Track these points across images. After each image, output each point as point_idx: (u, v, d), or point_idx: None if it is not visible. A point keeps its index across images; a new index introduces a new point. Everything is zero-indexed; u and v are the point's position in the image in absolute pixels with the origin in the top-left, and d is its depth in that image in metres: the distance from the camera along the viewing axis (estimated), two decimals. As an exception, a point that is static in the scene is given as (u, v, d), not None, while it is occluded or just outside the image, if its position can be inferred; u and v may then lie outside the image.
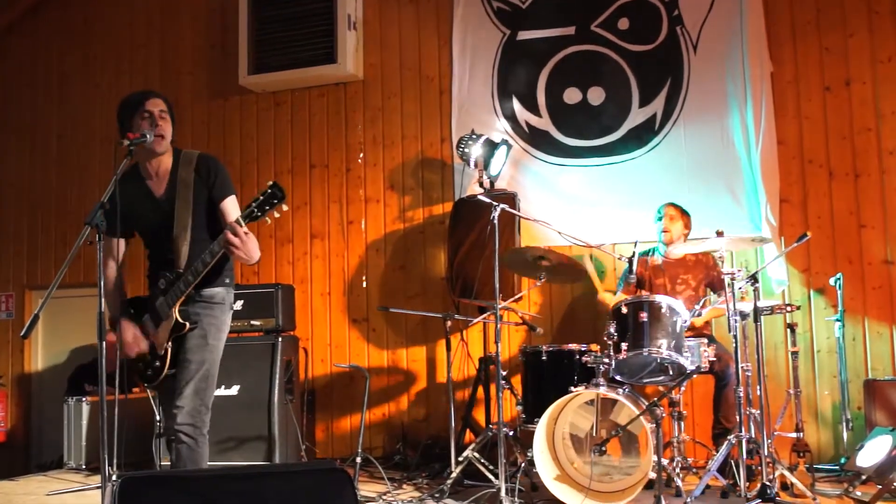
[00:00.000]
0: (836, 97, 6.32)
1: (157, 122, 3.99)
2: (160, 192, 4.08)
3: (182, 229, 4.02)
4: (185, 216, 4.02)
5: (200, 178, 4.06)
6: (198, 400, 3.97)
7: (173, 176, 4.07)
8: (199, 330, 4.02)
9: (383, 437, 7.00)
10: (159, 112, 4.02)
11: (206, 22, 7.97)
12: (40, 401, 8.22)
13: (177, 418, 3.92)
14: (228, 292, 4.16)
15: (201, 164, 4.08)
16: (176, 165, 4.09)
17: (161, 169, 4.09)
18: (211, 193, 4.06)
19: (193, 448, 3.94)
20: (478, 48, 7.07)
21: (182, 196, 4.03)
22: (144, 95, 4.05)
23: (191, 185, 4.04)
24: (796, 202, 6.34)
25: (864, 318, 6.13)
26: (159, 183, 4.09)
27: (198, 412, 3.97)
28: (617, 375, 5.13)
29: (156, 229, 4.08)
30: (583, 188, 6.71)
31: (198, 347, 4.02)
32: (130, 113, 4.02)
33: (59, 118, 8.36)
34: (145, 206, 4.06)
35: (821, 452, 6.05)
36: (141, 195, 4.06)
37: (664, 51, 6.65)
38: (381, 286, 7.21)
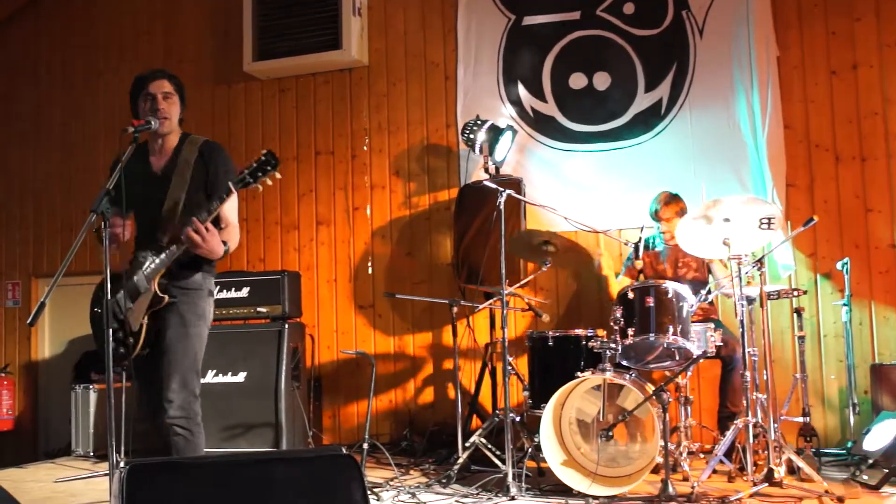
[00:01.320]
0: (843, 81, 6.30)
1: (158, 105, 4.00)
2: (158, 166, 4.07)
3: (173, 204, 3.99)
4: (177, 192, 4.00)
5: (203, 159, 4.06)
6: (186, 391, 3.93)
7: (175, 154, 4.08)
8: (177, 318, 3.96)
9: (390, 423, 7.01)
10: (163, 94, 4.02)
11: (209, 8, 7.95)
12: (48, 388, 8.25)
13: (168, 412, 3.87)
14: (206, 278, 4.09)
15: (206, 150, 4.09)
16: (180, 145, 4.10)
17: (165, 147, 4.10)
18: (208, 178, 4.04)
19: (190, 439, 3.92)
20: (483, 33, 7.05)
21: (179, 172, 4.02)
22: (149, 77, 4.04)
23: (191, 164, 4.03)
24: (803, 186, 6.32)
25: (871, 303, 6.12)
26: (160, 159, 4.09)
27: (188, 403, 3.93)
28: (623, 360, 5.12)
29: (147, 202, 4.01)
30: (589, 174, 6.70)
31: (179, 337, 3.97)
32: (135, 94, 4.05)
33: (63, 106, 8.36)
34: (143, 178, 4.02)
35: (828, 437, 6.05)
36: (141, 168, 4.04)
37: (670, 35, 6.62)
38: (387, 273, 7.21)
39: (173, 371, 3.93)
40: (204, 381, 6.14)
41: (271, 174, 3.83)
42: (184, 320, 3.98)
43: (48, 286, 8.51)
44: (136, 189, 3.90)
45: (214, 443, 6.18)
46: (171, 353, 3.95)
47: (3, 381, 7.97)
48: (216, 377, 6.28)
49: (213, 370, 6.27)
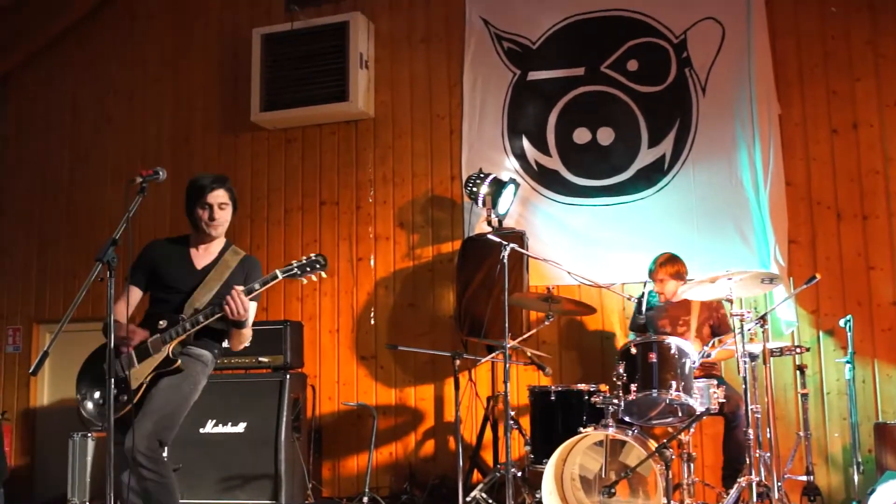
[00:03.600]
0: (844, 139, 6.35)
1: (214, 215, 4.26)
2: (201, 264, 4.33)
3: (205, 293, 4.23)
4: (213, 285, 4.25)
5: (241, 270, 4.33)
6: (154, 437, 4.00)
7: (218, 257, 4.35)
8: (175, 378, 4.14)
9: (390, 476, 6.95)
10: (219, 204, 4.26)
11: (218, 58, 8.04)
12: (45, 436, 8.17)
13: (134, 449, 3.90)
14: (213, 360, 4.36)
15: (247, 260, 4.41)
16: (224, 250, 4.39)
17: (209, 249, 4.37)
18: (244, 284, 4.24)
19: (160, 482, 3.96)
20: (488, 88, 7.12)
21: (219, 271, 4.30)
22: (209, 187, 4.25)
23: (231, 268, 4.32)
24: (805, 243, 6.34)
25: (874, 361, 6.10)
26: (203, 257, 4.35)
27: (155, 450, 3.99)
28: (626, 416, 5.11)
29: (179, 289, 4.25)
30: (592, 228, 6.72)
31: (170, 388, 4.13)
32: (194, 197, 4.27)
33: (71, 152, 8.40)
34: (181, 268, 4.30)
35: (832, 496, 6.01)
36: (181, 259, 4.33)
37: (673, 92, 6.69)
38: (390, 324, 7.20)
39: (151, 414, 4.02)
40: (203, 431, 6.20)
41: (317, 272, 4.17)
42: (179, 380, 4.16)
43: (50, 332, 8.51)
44: (170, 273, 4.27)
45: (212, 494, 6.14)
46: (153, 401, 4.07)
47: (1, 429, 7.92)
48: (216, 427, 6.25)
49: (212, 420, 6.24)
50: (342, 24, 7.29)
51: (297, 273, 4.17)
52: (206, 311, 4.13)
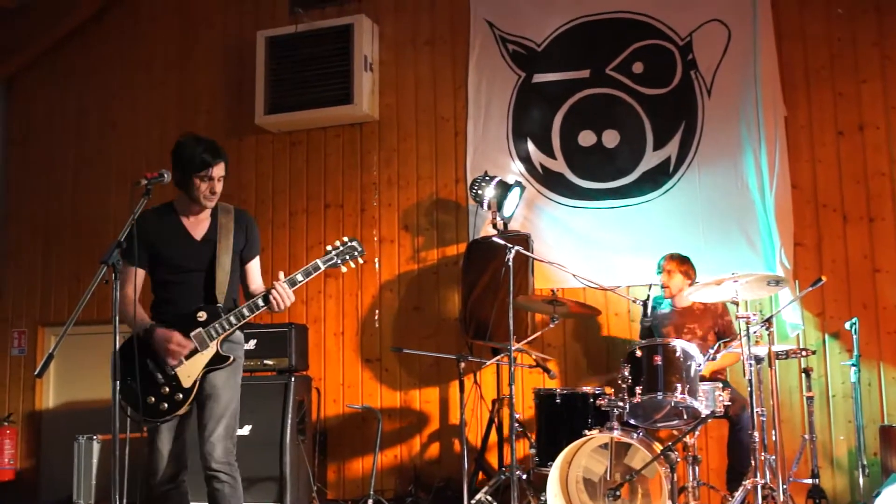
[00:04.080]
0: (850, 142, 6.34)
1: (215, 188, 4.11)
2: (199, 234, 4.18)
3: (222, 271, 4.13)
4: (225, 260, 4.15)
5: (240, 228, 4.22)
6: (229, 439, 4.05)
7: (213, 221, 4.20)
8: (227, 370, 4.08)
9: (395, 478, 6.95)
10: (219, 178, 4.12)
11: (223, 61, 8.05)
12: (50, 439, 8.18)
13: (212, 459, 3.96)
14: (242, 334, 4.30)
15: (240, 217, 4.27)
16: (215, 211, 4.23)
17: (201, 215, 4.21)
18: (244, 247, 4.23)
19: (234, 486, 4.03)
20: (493, 90, 7.12)
21: (224, 241, 4.16)
22: (213, 159, 4.07)
23: (231, 231, 4.19)
24: (811, 246, 6.33)
25: (880, 363, 6.09)
26: (197, 225, 4.19)
27: (230, 451, 4.04)
28: (631, 419, 5.11)
29: (192, 268, 4.14)
30: (597, 230, 6.71)
31: (227, 384, 4.09)
32: (193, 168, 4.05)
33: (76, 155, 8.41)
34: (182, 243, 4.14)
35: (837, 499, 5.99)
36: (178, 233, 4.16)
37: (678, 94, 6.69)
38: (395, 326, 7.20)
39: (219, 416, 4.03)
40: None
41: (355, 259, 4.17)
42: (232, 373, 4.12)
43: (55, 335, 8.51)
44: (175, 253, 4.12)
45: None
46: (218, 402, 4.04)
47: (6, 431, 7.93)
48: (221, 429, 6.24)
49: (218, 422, 6.23)
50: (346, 26, 7.29)
51: (337, 262, 4.15)
52: (251, 305, 4.07)
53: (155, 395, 3.99)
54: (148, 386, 3.99)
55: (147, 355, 4.01)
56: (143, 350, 4.01)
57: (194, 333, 4.03)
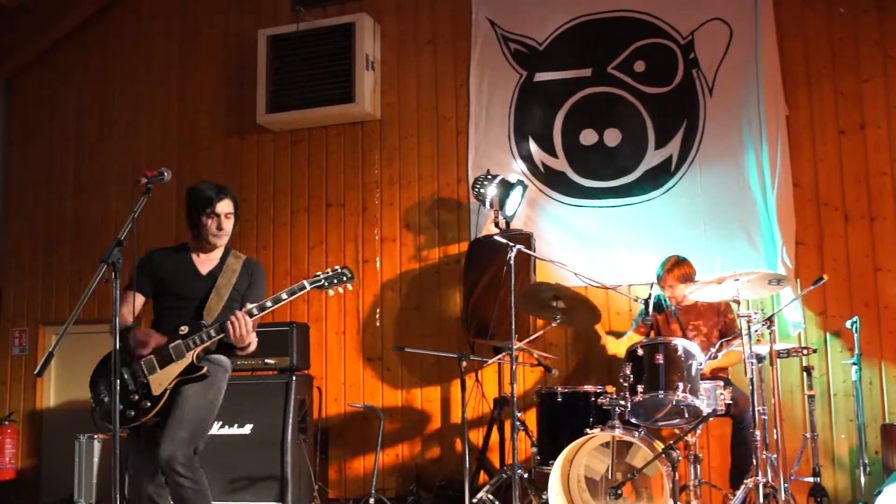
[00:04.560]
0: (851, 141, 6.34)
1: (222, 225, 4.28)
2: (205, 270, 4.33)
3: (217, 299, 4.24)
4: (224, 291, 4.27)
5: (246, 273, 4.36)
6: (190, 447, 4.07)
7: (221, 262, 4.35)
8: (200, 385, 4.13)
9: (397, 477, 6.95)
10: (225, 214, 4.28)
11: (224, 60, 8.04)
12: (51, 438, 8.17)
13: (174, 466, 3.97)
14: (231, 364, 4.38)
15: (249, 263, 4.43)
16: (225, 255, 4.39)
17: (211, 255, 4.37)
18: (246, 289, 4.34)
19: (197, 488, 4.06)
20: (495, 89, 7.12)
21: (226, 277, 4.30)
22: (216, 197, 4.26)
23: (236, 272, 4.33)
24: (812, 245, 6.33)
25: (881, 362, 6.09)
26: (206, 263, 4.35)
27: (191, 458, 4.06)
28: (632, 418, 5.10)
29: (190, 297, 4.26)
30: (599, 229, 6.71)
31: (197, 395, 4.14)
32: (200, 207, 4.26)
33: (77, 153, 8.41)
34: (187, 276, 4.30)
35: (838, 497, 5.99)
36: (185, 267, 4.32)
37: (680, 93, 6.69)
38: (396, 325, 7.20)
39: (184, 425, 4.06)
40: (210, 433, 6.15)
41: (344, 285, 4.27)
42: (205, 387, 4.16)
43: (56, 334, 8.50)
44: (180, 283, 4.27)
45: (219, 495, 6.12)
46: (184, 410, 4.08)
47: (7, 430, 7.93)
48: (222, 429, 6.24)
49: (219, 422, 6.23)
50: (348, 25, 7.29)
51: (325, 285, 4.24)
52: (216, 328, 4.10)
53: (123, 403, 3.99)
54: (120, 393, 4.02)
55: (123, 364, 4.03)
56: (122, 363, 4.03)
57: (173, 344, 4.10)
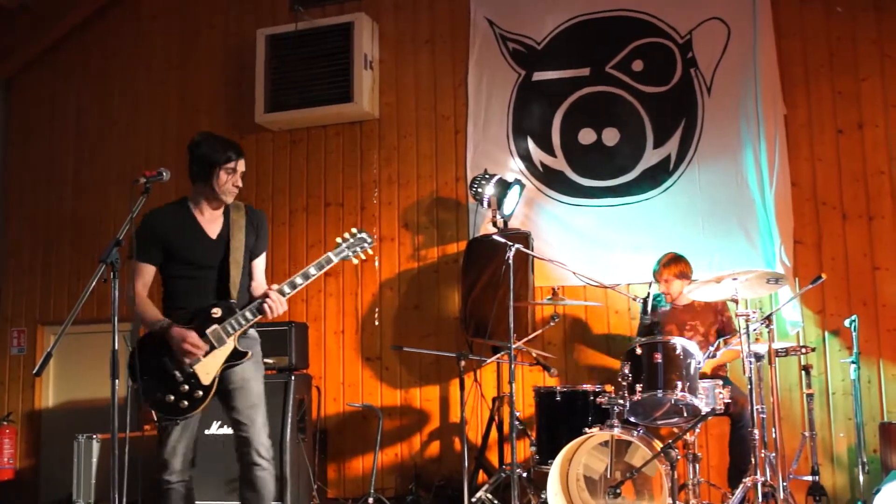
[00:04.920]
0: (849, 140, 6.34)
1: (238, 182, 4.21)
2: (214, 231, 4.23)
3: (236, 268, 4.18)
4: (239, 257, 4.20)
5: (251, 226, 4.28)
6: (267, 428, 4.17)
7: (226, 219, 4.26)
8: (251, 365, 4.15)
9: (396, 477, 6.95)
10: (242, 173, 4.23)
11: (223, 60, 8.05)
12: (50, 438, 8.18)
13: (261, 447, 4.09)
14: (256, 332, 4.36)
15: (251, 214, 4.34)
16: (227, 209, 4.28)
17: (216, 210, 4.27)
18: (256, 242, 4.30)
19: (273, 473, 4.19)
20: (493, 88, 7.12)
21: (236, 239, 4.22)
22: (238, 154, 4.21)
23: (242, 228, 4.24)
24: (810, 244, 6.33)
25: (880, 361, 6.10)
26: (212, 222, 4.24)
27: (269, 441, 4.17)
28: (631, 417, 5.11)
29: (206, 265, 4.18)
30: (597, 228, 6.71)
31: (256, 377, 4.19)
32: (220, 160, 4.14)
33: (76, 153, 8.41)
34: (197, 241, 4.19)
35: (837, 496, 6.00)
36: (192, 229, 4.20)
37: (678, 92, 6.69)
38: (395, 325, 7.20)
39: (257, 409, 4.14)
40: (208, 433, 6.20)
41: (366, 250, 4.23)
42: (257, 367, 4.20)
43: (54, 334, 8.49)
44: (191, 249, 4.17)
45: (217, 495, 6.13)
46: (251, 393, 4.14)
47: (6, 430, 7.92)
48: (220, 428, 6.24)
49: (217, 421, 6.23)
50: (347, 24, 7.29)
51: (349, 254, 4.22)
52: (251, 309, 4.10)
53: (174, 394, 4.03)
54: (167, 384, 4.03)
55: (164, 353, 4.04)
56: (161, 348, 4.05)
57: (210, 330, 4.07)
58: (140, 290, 4.12)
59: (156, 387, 4.02)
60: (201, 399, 4.03)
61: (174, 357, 4.03)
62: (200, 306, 4.11)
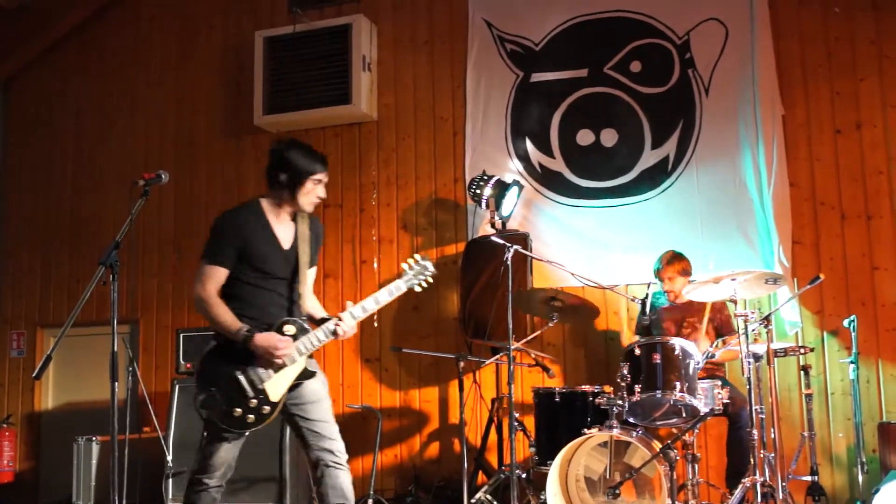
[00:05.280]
0: (848, 140, 6.35)
1: (323, 193, 4.22)
2: (287, 242, 4.19)
3: (304, 282, 4.21)
4: (305, 270, 4.22)
5: (314, 237, 4.29)
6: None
7: (296, 229, 4.23)
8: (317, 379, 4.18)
9: (395, 478, 6.96)
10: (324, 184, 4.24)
11: (221, 62, 8.05)
12: (50, 440, 8.18)
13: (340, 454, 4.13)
14: None
15: (314, 226, 4.33)
16: (295, 218, 4.25)
17: (286, 219, 4.22)
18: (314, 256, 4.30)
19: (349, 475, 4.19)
20: (491, 89, 7.13)
21: (304, 253, 4.21)
22: (325, 166, 4.25)
23: (307, 240, 4.23)
24: (809, 244, 6.34)
25: (878, 361, 6.10)
26: (284, 231, 4.19)
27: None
28: (630, 417, 5.11)
29: (278, 276, 4.16)
30: (595, 229, 6.72)
31: (325, 392, 4.23)
32: (310, 170, 4.15)
33: (75, 156, 8.41)
34: (273, 251, 4.14)
35: (836, 496, 6.00)
36: (268, 238, 4.15)
37: (676, 93, 6.69)
38: (394, 326, 7.20)
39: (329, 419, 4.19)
40: (207, 434, 6.17)
41: (427, 279, 4.34)
42: (324, 382, 4.26)
43: (53, 336, 8.49)
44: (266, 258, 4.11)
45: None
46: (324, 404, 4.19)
47: (5, 433, 7.92)
48: (220, 430, 6.24)
49: (216, 422, 6.24)
50: (345, 26, 7.30)
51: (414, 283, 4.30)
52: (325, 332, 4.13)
53: (242, 408, 3.99)
54: (236, 397, 3.99)
55: (237, 364, 4.01)
56: (233, 358, 4.01)
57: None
58: (213, 293, 4.03)
59: (224, 399, 3.97)
60: (268, 415, 4.01)
61: (246, 370, 4.00)
62: (269, 319, 4.07)
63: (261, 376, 4.00)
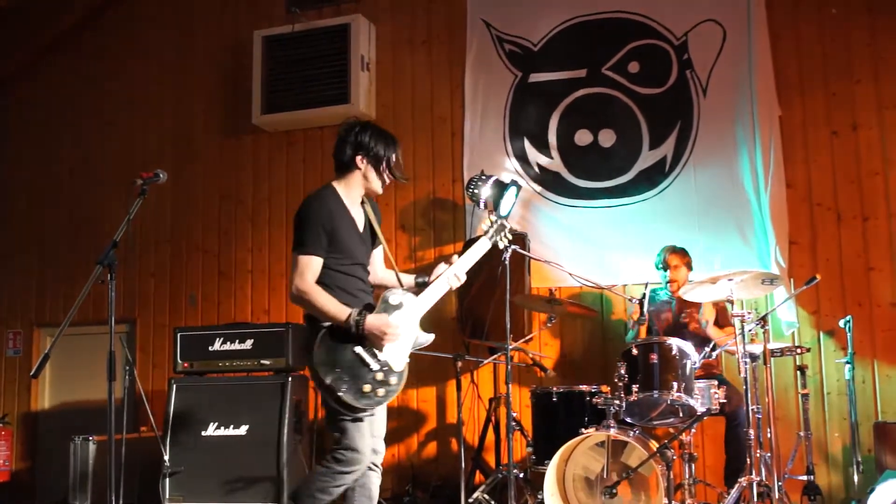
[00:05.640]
0: (844, 141, 6.37)
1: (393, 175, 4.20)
2: (360, 224, 4.15)
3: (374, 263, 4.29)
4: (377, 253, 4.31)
5: (376, 218, 4.25)
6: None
7: (364, 211, 4.20)
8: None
9: (392, 478, 6.95)
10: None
11: (219, 61, 8.05)
12: (46, 439, 8.17)
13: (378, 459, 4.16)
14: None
15: (374, 206, 4.31)
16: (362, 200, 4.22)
17: (357, 202, 4.18)
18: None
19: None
20: (490, 90, 7.14)
21: (371, 231, 4.22)
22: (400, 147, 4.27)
23: (372, 220, 4.21)
24: (805, 244, 6.36)
25: (874, 361, 6.12)
26: (357, 214, 4.15)
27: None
28: (627, 417, 5.13)
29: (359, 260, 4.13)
30: (593, 229, 6.73)
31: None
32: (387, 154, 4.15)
33: (72, 155, 8.41)
34: (353, 234, 4.10)
35: (832, 495, 6.02)
36: (348, 221, 4.10)
37: (674, 94, 6.71)
38: (391, 326, 7.19)
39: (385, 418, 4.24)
40: (205, 434, 6.21)
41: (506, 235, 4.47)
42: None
43: (50, 336, 8.49)
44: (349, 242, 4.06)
45: (214, 496, 6.14)
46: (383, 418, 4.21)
47: (1, 432, 7.91)
48: (218, 430, 6.25)
49: (214, 423, 6.25)
50: (343, 26, 7.31)
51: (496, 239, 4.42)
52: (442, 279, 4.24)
53: (371, 383, 3.92)
54: (362, 373, 3.92)
55: (353, 345, 3.93)
56: (348, 340, 3.93)
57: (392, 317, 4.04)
58: (313, 283, 3.92)
59: (351, 377, 3.88)
60: (395, 386, 3.97)
61: (366, 347, 3.92)
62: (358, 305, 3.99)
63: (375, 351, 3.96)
